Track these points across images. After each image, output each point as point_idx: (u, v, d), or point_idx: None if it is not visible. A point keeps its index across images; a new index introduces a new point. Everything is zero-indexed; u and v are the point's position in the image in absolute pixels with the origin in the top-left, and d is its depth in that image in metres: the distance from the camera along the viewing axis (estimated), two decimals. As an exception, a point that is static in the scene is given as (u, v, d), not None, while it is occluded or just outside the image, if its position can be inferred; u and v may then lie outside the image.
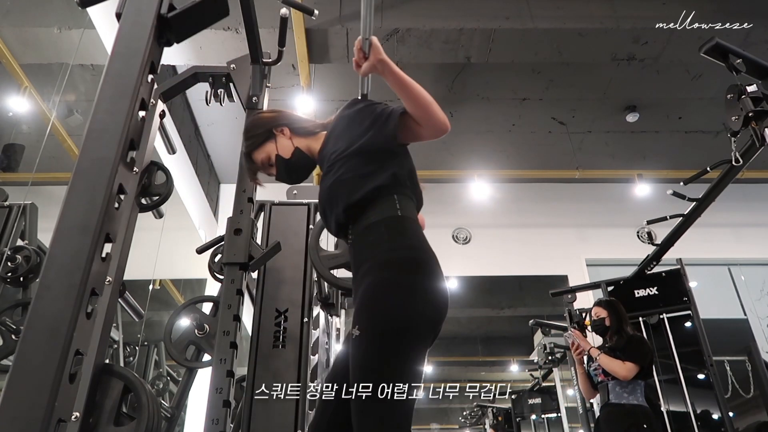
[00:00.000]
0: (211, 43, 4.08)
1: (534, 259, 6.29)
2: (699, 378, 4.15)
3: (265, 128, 1.55)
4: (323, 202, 1.42)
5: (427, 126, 1.31)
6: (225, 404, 1.60)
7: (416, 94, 1.29)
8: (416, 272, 1.22)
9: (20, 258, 2.54)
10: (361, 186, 1.33)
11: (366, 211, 1.32)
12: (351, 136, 1.38)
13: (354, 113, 1.42)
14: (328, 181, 1.39)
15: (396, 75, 1.29)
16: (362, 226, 1.32)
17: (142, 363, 4.82)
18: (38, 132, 3.48)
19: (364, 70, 1.33)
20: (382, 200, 1.32)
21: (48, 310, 1.03)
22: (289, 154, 1.53)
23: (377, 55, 1.30)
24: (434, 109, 1.29)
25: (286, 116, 1.58)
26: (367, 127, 1.36)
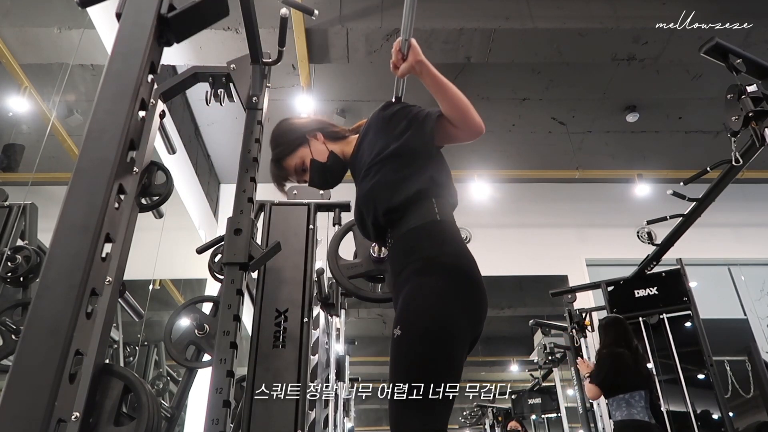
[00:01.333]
0: (211, 43, 4.08)
1: (534, 259, 6.29)
2: (699, 378, 4.15)
3: (299, 134, 1.56)
4: (360, 206, 1.42)
5: (464, 128, 1.31)
6: (225, 404, 1.60)
7: (454, 96, 1.29)
8: (457, 277, 1.23)
9: (20, 258, 2.54)
10: (399, 190, 1.33)
11: (405, 216, 1.32)
12: (386, 139, 1.38)
13: (389, 115, 1.41)
14: (365, 185, 1.39)
15: (434, 77, 1.29)
16: (402, 231, 1.31)
17: (142, 363, 4.82)
18: (38, 132, 3.48)
19: (402, 71, 1.32)
20: (420, 204, 1.32)
21: (48, 310, 1.03)
22: (324, 158, 1.53)
23: (416, 57, 1.29)
24: (471, 111, 1.29)
25: (317, 121, 1.59)
26: (402, 129, 1.36)
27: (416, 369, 1.14)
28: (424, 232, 1.29)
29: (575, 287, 5.08)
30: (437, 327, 1.16)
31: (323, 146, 1.55)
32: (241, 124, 2.13)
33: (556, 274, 6.24)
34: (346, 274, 2.25)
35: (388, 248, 1.37)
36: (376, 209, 1.36)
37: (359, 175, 1.44)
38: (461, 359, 1.19)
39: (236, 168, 2.01)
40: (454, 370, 1.16)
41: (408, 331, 1.17)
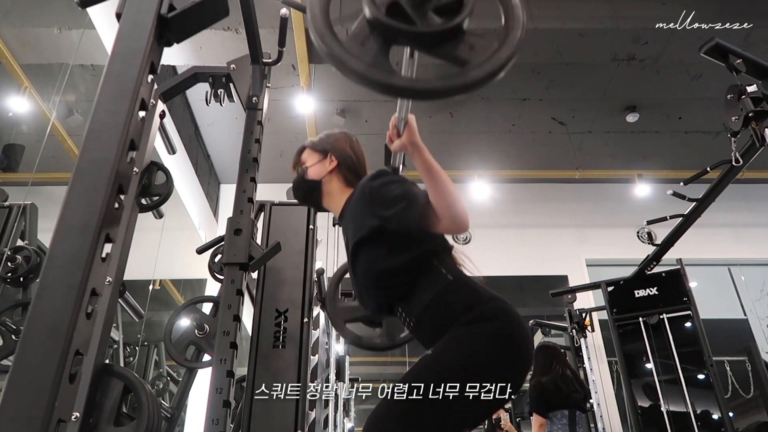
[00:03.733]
0: (211, 43, 4.08)
1: (534, 259, 6.29)
2: (699, 378, 4.15)
3: (327, 146, 1.55)
4: (359, 286, 1.39)
5: (446, 221, 1.24)
6: (225, 404, 1.60)
7: (443, 187, 1.22)
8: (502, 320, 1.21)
9: (20, 258, 2.54)
10: (395, 267, 1.29)
11: (414, 290, 1.28)
12: (371, 214, 1.33)
13: (376, 187, 1.34)
14: (359, 266, 1.36)
15: (426, 162, 1.24)
16: (420, 308, 1.27)
17: (142, 363, 4.82)
18: (38, 132, 3.47)
19: (395, 148, 1.28)
20: (424, 274, 1.28)
21: (48, 310, 1.03)
22: (311, 177, 1.52)
23: (411, 138, 1.24)
24: (458, 205, 1.22)
25: (346, 154, 1.54)
26: (387, 206, 1.29)
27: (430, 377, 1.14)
28: (445, 302, 1.25)
29: (575, 287, 5.08)
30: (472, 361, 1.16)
31: (324, 171, 1.52)
32: (241, 124, 2.13)
33: (556, 274, 6.24)
34: (344, 317, 2.21)
35: (410, 328, 1.33)
36: (377, 289, 1.33)
37: (347, 247, 1.42)
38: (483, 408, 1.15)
39: (236, 168, 2.01)
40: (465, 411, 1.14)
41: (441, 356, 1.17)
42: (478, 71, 0.76)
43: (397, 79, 0.75)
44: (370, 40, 0.75)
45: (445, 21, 0.76)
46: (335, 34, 0.74)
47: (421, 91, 0.79)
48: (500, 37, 0.80)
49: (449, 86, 0.74)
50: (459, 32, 0.77)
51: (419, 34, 0.77)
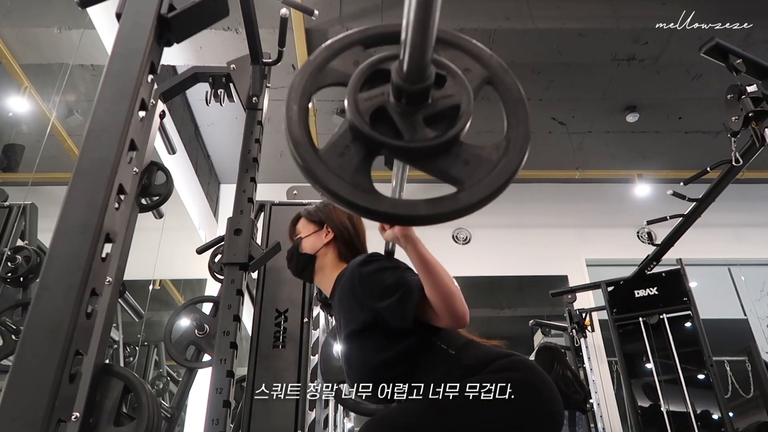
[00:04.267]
0: (211, 43, 4.08)
1: (534, 259, 6.29)
2: (699, 378, 4.15)
3: (323, 217, 1.49)
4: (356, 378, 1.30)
5: (444, 317, 1.14)
6: (225, 404, 1.60)
7: (439, 281, 1.12)
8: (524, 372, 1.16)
9: (20, 258, 2.54)
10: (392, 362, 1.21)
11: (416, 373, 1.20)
12: (360, 303, 1.25)
13: (366, 275, 1.26)
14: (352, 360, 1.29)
15: (421, 256, 1.14)
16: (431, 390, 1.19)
17: (142, 363, 4.81)
18: (38, 132, 3.47)
19: (387, 239, 1.22)
20: (426, 355, 1.21)
21: (48, 310, 1.03)
22: (306, 251, 1.47)
23: (403, 230, 1.16)
24: (456, 301, 1.13)
25: (344, 226, 1.48)
26: (378, 296, 1.21)
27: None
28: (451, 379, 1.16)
29: (575, 287, 5.08)
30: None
31: (320, 244, 1.47)
32: (241, 124, 2.13)
33: (556, 274, 6.23)
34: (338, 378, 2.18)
35: None
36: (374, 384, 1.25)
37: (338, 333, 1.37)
38: None
39: (236, 168, 2.01)
40: None
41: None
42: (470, 195, 0.64)
43: (378, 203, 0.63)
44: (351, 150, 0.65)
45: (438, 134, 0.65)
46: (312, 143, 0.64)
47: (404, 218, 0.66)
48: (500, 150, 0.70)
49: (437, 213, 0.63)
50: (453, 145, 0.66)
51: (407, 150, 0.65)
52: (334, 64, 0.71)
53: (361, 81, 0.67)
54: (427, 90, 0.65)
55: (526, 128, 0.72)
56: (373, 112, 0.65)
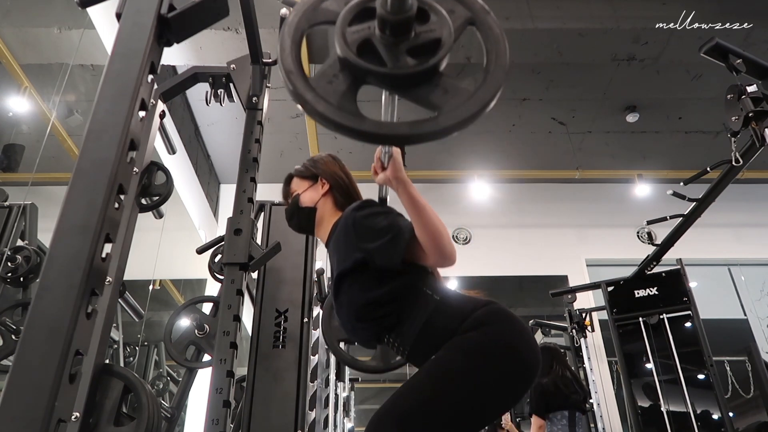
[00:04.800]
0: (211, 43, 4.08)
1: (534, 259, 6.29)
2: (699, 378, 4.15)
3: (315, 172, 1.54)
4: (344, 320, 1.36)
5: (433, 256, 1.22)
6: (225, 404, 1.61)
7: (428, 221, 1.19)
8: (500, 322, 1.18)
9: (20, 258, 2.54)
10: (379, 302, 1.26)
11: (401, 321, 1.26)
12: (354, 246, 1.30)
13: (360, 219, 1.32)
14: (342, 301, 1.34)
15: (411, 197, 1.20)
16: (412, 336, 1.24)
17: (142, 363, 4.82)
18: (38, 132, 3.47)
19: (379, 182, 1.27)
20: (410, 302, 1.25)
21: (48, 310, 1.03)
22: (305, 204, 1.51)
23: (396, 173, 1.21)
24: (444, 240, 1.20)
25: (337, 176, 1.53)
26: (371, 238, 1.27)
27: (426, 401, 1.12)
28: (437, 324, 1.21)
29: (575, 287, 5.09)
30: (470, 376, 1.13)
31: (317, 197, 1.51)
32: (241, 124, 2.13)
33: (556, 274, 6.23)
34: (338, 337, 2.21)
35: (406, 356, 1.30)
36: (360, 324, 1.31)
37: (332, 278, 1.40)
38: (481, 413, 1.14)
39: (236, 168, 2.01)
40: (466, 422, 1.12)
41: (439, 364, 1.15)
42: (448, 119, 0.70)
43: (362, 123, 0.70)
44: (338, 78, 0.71)
45: (419, 63, 0.71)
46: (303, 72, 0.71)
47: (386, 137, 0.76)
48: (478, 81, 0.75)
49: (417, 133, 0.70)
50: (434, 74, 0.72)
51: (389, 76, 0.71)
52: (326, 5, 0.76)
53: (350, 17, 0.72)
54: (409, 21, 0.70)
55: (504, 63, 0.76)
56: (359, 44, 0.71)
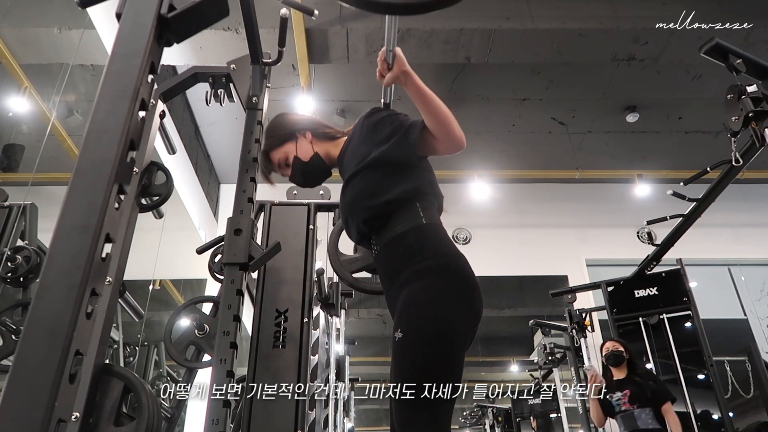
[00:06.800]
0: (211, 43, 4.08)
1: (534, 259, 6.29)
2: (699, 378, 4.15)
3: (289, 129, 1.59)
4: (345, 212, 1.44)
5: (444, 141, 1.31)
6: (225, 404, 1.60)
7: (436, 109, 1.28)
8: (452, 277, 1.25)
9: (20, 258, 2.54)
10: (381, 197, 1.34)
11: (389, 222, 1.34)
12: (369, 147, 1.39)
13: (373, 123, 1.42)
14: (349, 193, 1.41)
15: (418, 87, 1.28)
16: (388, 238, 1.33)
17: (142, 363, 4.82)
18: (38, 132, 3.47)
19: (387, 81, 1.32)
20: (404, 210, 1.33)
21: (48, 310, 1.03)
22: (307, 158, 1.56)
23: (401, 67, 1.29)
24: (453, 125, 1.29)
25: (309, 121, 1.61)
26: (386, 137, 1.36)
27: (420, 371, 1.15)
28: (411, 237, 1.30)
29: (575, 287, 5.08)
30: (438, 329, 1.18)
31: (309, 146, 1.58)
32: (241, 124, 2.13)
33: (556, 274, 6.23)
34: (348, 269, 2.25)
35: (375, 254, 1.39)
36: (359, 216, 1.38)
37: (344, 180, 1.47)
38: (462, 359, 1.21)
39: (236, 168, 2.01)
40: (457, 371, 1.18)
41: (409, 333, 1.19)
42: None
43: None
44: None
45: None
46: None
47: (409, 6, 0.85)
48: None
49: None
50: None
51: None
52: None
53: None
54: None
55: None
56: None
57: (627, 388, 3.32)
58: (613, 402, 3.36)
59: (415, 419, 1.13)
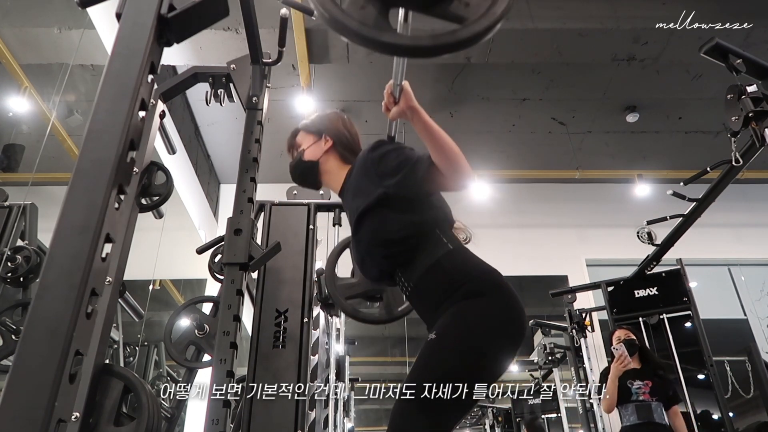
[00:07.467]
0: (211, 43, 4.08)
1: (534, 259, 6.29)
2: (699, 378, 4.15)
3: (321, 126, 1.58)
4: (361, 252, 1.41)
5: (452, 178, 1.27)
6: (225, 404, 1.60)
7: (444, 145, 1.24)
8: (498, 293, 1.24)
9: (20, 258, 2.54)
10: (399, 232, 1.32)
11: (415, 256, 1.31)
12: (374, 182, 1.35)
13: (377, 157, 1.37)
14: (363, 232, 1.38)
15: (425, 123, 1.24)
16: (420, 272, 1.30)
17: (142, 363, 4.82)
18: (38, 132, 3.47)
19: (393, 115, 1.29)
20: (426, 240, 1.32)
21: (48, 310, 1.03)
22: (309, 158, 1.56)
23: (408, 102, 1.25)
24: (461, 161, 1.25)
25: (342, 133, 1.58)
26: (391, 172, 1.32)
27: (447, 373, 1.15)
28: (446, 266, 1.28)
29: (575, 287, 5.08)
30: (476, 342, 1.18)
31: (321, 152, 1.56)
32: (241, 124, 2.13)
33: (556, 274, 6.23)
34: (344, 294, 2.24)
35: (408, 293, 1.35)
36: (379, 253, 1.35)
37: (351, 219, 1.43)
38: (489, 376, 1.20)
39: (236, 168, 2.01)
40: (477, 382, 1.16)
41: (444, 336, 1.19)
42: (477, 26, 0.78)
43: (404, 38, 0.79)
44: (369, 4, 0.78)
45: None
46: (336, 2, 0.78)
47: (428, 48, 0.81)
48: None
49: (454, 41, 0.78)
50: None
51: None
52: None
53: None
54: None
55: None
56: None
57: (648, 379, 3.30)
58: (633, 390, 3.33)
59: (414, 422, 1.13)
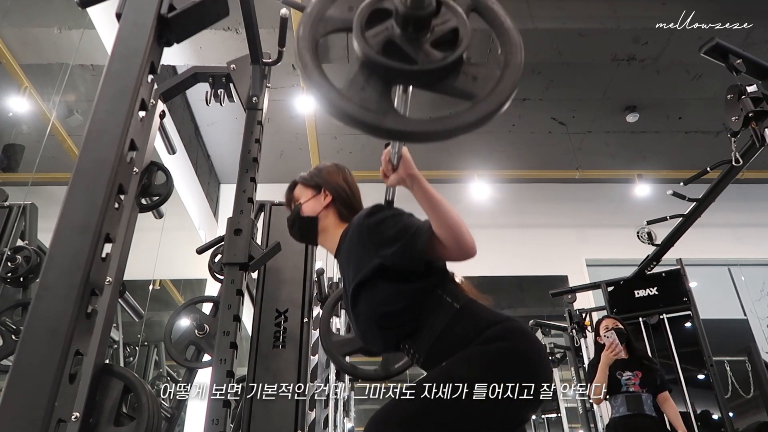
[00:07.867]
0: (211, 43, 4.08)
1: (534, 259, 6.29)
2: (699, 378, 4.14)
3: (320, 181, 1.51)
4: (362, 325, 1.35)
5: (454, 249, 1.20)
6: (225, 404, 1.61)
7: (446, 216, 1.17)
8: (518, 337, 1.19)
9: (20, 258, 2.54)
10: (399, 303, 1.25)
11: (421, 324, 1.24)
12: (369, 250, 1.28)
13: (374, 224, 1.29)
14: (362, 305, 1.31)
15: (426, 192, 1.18)
16: (430, 340, 1.23)
17: (142, 363, 4.82)
18: (38, 132, 3.47)
19: (391, 183, 1.23)
20: (431, 305, 1.24)
21: (48, 310, 1.03)
22: (306, 214, 1.49)
23: (408, 170, 1.19)
24: (463, 231, 1.18)
25: (343, 188, 1.51)
26: (388, 241, 1.25)
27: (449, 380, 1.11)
28: (456, 328, 1.21)
29: (575, 287, 5.08)
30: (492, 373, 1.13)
31: (319, 207, 1.49)
32: (241, 124, 2.13)
33: (556, 274, 6.23)
34: (341, 351, 2.18)
35: (421, 362, 1.28)
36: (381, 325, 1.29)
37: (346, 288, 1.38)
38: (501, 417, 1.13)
39: (236, 168, 2.01)
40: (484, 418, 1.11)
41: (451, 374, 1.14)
42: (487, 105, 0.72)
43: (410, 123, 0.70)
44: (369, 84, 0.71)
45: (445, 55, 0.71)
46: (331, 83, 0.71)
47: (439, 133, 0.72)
48: (500, 64, 0.77)
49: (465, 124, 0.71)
50: (459, 64, 0.73)
51: (422, 72, 0.72)
52: (331, 13, 0.76)
53: (364, 21, 0.73)
54: (430, 16, 0.71)
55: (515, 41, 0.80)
56: (383, 46, 0.72)
57: (638, 370, 3.29)
58: (622, 381, 3.32)
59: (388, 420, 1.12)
